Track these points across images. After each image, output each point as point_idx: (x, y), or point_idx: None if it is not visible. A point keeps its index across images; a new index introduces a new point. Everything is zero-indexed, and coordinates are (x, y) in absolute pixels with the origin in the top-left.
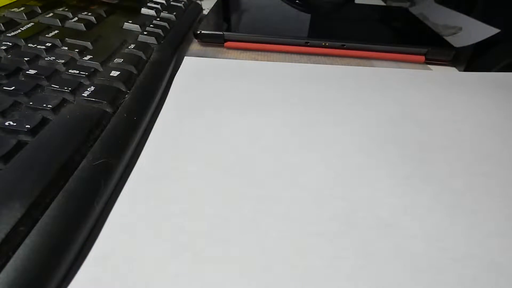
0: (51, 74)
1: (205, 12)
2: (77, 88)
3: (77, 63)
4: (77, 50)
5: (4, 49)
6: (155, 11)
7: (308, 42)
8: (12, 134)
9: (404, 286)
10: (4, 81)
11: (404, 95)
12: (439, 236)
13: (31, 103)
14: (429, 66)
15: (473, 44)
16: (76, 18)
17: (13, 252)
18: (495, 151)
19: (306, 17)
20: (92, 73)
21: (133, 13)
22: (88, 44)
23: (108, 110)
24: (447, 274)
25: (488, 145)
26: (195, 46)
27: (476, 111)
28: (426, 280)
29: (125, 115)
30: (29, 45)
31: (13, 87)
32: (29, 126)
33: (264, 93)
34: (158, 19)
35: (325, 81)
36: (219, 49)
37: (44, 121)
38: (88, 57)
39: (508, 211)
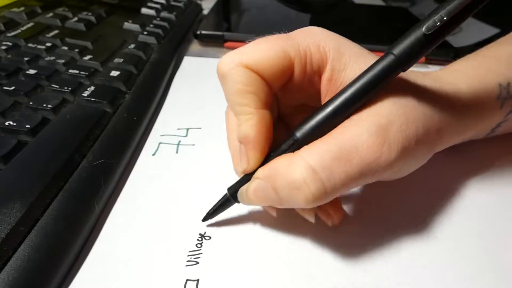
0: (51, 74)
1: (205, 12)
2: (77, 88)
3: (77, 63)
4: (77, 50)
5: (4, 49)
6: (155, 11)
7: None
8: (12, 134)
9: None
10: (4, 81)
11: None
12: (438, 236)
13: (31, 103)
14: (429, 66)
15: (473, 44)
16: (76, 18)
17: (14, 252)
18: (495, 151)
19: (305, 17)
20: (92, 73)
21: (133, 13)
22: (88, 44)
23: (108, 110)
24: None
25: (487, 145)
26: (195, 46)
27: None
28: None
29: (125, 115)
30: (29, 45)
31: (13, 87)
32: (29, 126)
33: None
34: (158, 19)
35: None
36: (219, 49)
37: (44, 121)
38: (88, 57)
39: None
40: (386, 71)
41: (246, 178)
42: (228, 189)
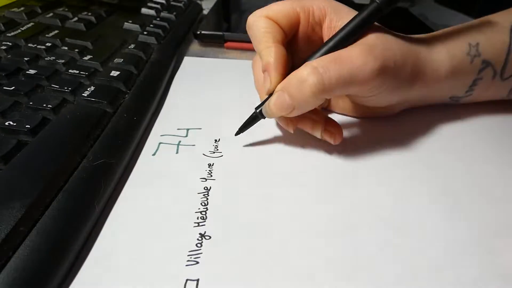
0: (51, 74)
1: (205, 12)
2: (77, 88)
3: (77, 63)
4: (77, 50)
5: (4, 49)
6: (155, 11)
7: None
8: (12, 134)
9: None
10: (4, 81)
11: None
12: (438, 236)
13: (31, 103)
14: None
15: None
16: (76, 18)
17: (13, 252)
18: (493, 151)
19: None
20: (92, 73)
21: (133, 13)
22: (88, 44)
23: (108, 110)
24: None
25: (486, 146)
26: (195, 46)
27: (475, 111)
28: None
29: (125, 115)
30: (29, 45)
31: (13, 87)
32: (29, 126)
33: None
34: (158, 19)
35: None
36: (219, 49)
37: (44, 121)
38: (88, 57)
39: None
40: (371, 14)
41: (269, 98)
42: (256, 108)
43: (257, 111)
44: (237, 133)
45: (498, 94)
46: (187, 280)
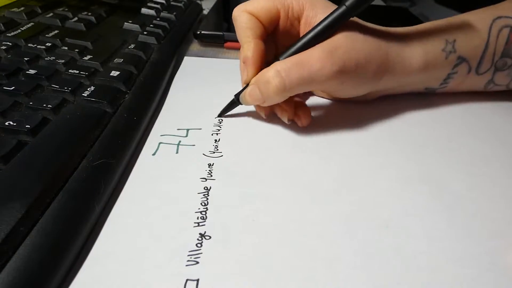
0: (51, 74)
1: (205, 12)
2: (77, 88)
3: (77, 63)
4: (77, 50)
5: (4, 49)
6: (155, 11)
7: None
8: (12, 134)
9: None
10: (4, 81)
11: (401, 95)
12: (438, 236)
13: (31, 103)
14: None
15: None
16: (76, 18)
17: (14, 252)
18: (492, 152)
19: None
20: (92, 73)
21: (133, 13)
22: (88, 44)
23: (108, 110)
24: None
25: (486, 146)
26: (195, 46)
27: (474, 111)
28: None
29: (125, 115)
30: (29, 45)
31: (13, 87)
32: (29, 126)
33: None
34: (158, 19)
35: None
36: (219, 49)
37: (44, 121)
38: (88, 57)
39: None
40: (340, 17)
41: (246, 87)
42: (235, 95)
43: (235, 97)
44: (218, 116)
45: (474, 86)
46: (187, 280)
